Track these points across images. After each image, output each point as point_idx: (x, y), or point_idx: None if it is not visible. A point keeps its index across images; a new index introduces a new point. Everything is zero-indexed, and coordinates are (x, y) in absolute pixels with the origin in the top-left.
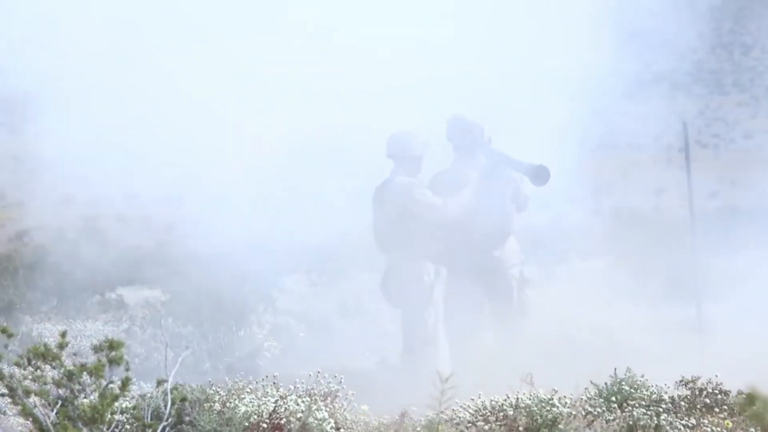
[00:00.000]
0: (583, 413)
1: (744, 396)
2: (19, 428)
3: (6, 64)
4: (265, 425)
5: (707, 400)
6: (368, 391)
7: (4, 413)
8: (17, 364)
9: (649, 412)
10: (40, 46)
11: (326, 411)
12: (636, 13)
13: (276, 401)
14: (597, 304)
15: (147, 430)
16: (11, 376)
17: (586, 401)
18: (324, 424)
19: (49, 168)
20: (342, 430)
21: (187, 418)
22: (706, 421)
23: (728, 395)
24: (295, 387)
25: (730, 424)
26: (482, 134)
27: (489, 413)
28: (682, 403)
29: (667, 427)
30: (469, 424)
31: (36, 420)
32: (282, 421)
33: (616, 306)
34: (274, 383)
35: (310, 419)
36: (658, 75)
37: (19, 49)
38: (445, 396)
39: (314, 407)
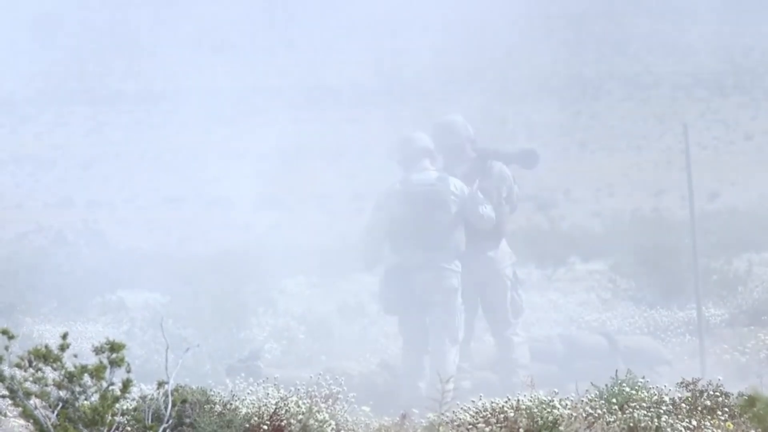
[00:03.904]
0: (584, 415)
1: (745, 398)
2: (20, 430)
3: (6, 65)
4: (265, 427)
5: (708, 402)
6: (369, 393)
7: (5, 415)
8: (18, 366)
9: (649, 414)
10: (39, 47)
11: (327, 413)
12: (636, 16)
13: (277, 403)
14: (598, 306)
15: None
16: (12, 378)
17: (586, 403)
18: (325, 426)
19: (49, 170)
20: (343, 431)
21: (187, 420)
22: (707, 423)
23: (729, 397)
24: (295, 389)
25: (732, 426)
26: (471, 135)
27: (490, 415)
28: (683, 405)
29: (668, 429)
30: (470, 426)
31: (37, 422)
32: (282, 423)
33: (616, 308)
34: (275, 385)
35: (311, 421)
36: (659, 77)
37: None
38: (446, 397)
39: (315, 409)
